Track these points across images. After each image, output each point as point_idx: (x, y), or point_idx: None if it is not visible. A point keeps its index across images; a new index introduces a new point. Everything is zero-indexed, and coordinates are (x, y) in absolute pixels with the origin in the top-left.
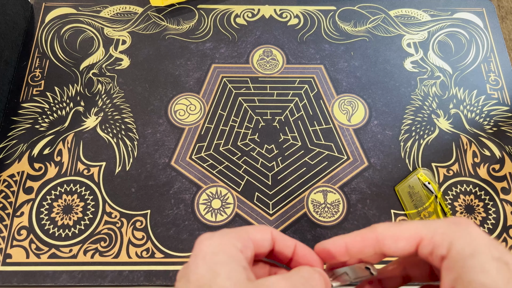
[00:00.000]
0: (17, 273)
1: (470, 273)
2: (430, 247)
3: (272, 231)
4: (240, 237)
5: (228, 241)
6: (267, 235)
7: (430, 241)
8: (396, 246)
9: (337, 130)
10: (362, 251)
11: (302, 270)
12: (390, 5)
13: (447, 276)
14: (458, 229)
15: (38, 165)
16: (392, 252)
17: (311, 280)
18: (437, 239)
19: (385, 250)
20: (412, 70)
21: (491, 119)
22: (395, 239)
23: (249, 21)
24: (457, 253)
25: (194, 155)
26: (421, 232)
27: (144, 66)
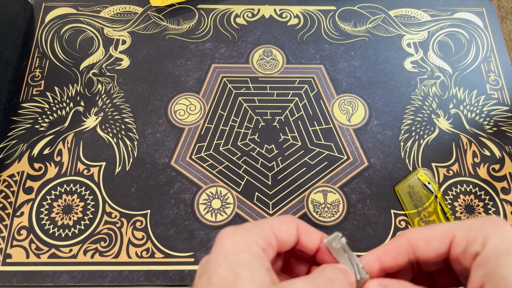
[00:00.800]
0: (17, 273)
1: (504, 268)
2: (464, 244)
3: (298, 223)
4: (263, 234)
5: (251, 239)
6: (293, 228)
7: (464, 238)
8: (429, 247)
9: (337, 130)
10: (396, 260)
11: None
12: (390, 5)
13: (477, 272)
14: (492, 226)
15: (38, 165)
16: (425, 254)
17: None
18: (472, 236)
19: (418, 253)
20: (412, 70)
21: (491, 119)
22: (428, 240)
23: (249, 21)
24: (491, 249)
25: (194, 155)
26: (454, 230)
27: (144, 66)
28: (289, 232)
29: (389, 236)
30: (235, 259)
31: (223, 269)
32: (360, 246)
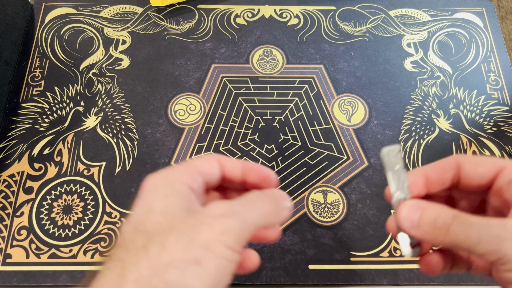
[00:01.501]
0: (17, 273)
1: None
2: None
3: (219, 158)
4: (186, 171)
5: (172, 176)
6: (214, 162)
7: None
8: (476, 171)
9: (337, 130)
10: (442, 176)
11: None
12: (390, 5)
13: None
14: None
15: (38, 165)
16: (470, 176)
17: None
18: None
19: (463, 174)
20: (412, 70)
21: (491, 119)
22: (476, 164)
23: (249, 21)
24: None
25: (194, 155)
26: (505, 162)
27: (144, 66)
28: (211, 165)
29: (389, 236)
30: (151, 196)
31: (138, 207)
32: (360, 246)
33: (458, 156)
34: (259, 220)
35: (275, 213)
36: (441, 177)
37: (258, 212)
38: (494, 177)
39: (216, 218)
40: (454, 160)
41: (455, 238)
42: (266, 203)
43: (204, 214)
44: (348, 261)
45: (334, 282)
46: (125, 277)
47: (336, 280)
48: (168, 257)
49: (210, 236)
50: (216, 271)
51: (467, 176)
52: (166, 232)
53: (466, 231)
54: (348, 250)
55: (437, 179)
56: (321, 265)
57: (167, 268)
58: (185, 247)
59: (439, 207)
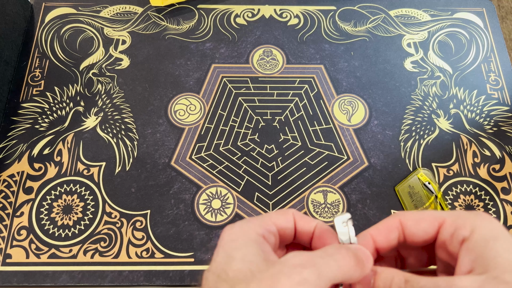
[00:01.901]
0: (17, 273)
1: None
2: (452, 229)
3: (294, 212)
4: (262, 223)
5: (248, 228)
6: (289, 216)
7: (453, 223)
8: (418, 228)
9: (337, 130)
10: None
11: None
12: (390, 5)
13: (467, 257)
14: (480, 217)
15: (38, 165)
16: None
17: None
18: (460, 222)
19: (407, 233)
20: (412, 70)
21: (491, 119)
22: (418, 221)
23: (249, 21)
24: (480, 236)
25: (194, 155)
26: (444, 215)
27: (144, 66)
28: (287, 219)
29: None
30: (230, 245)
31: (219, 256)
32: None
33: (399, 213)
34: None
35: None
36: (387, 238)
37: (337, 266)
38: (436, 232)
39: (294, 268)
40: (396, 219)
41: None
42: (346, 258)
43: (283, 264)
44: None
45: None
46: None
47: None
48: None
49: (288, 285)
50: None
51: (411, 234)
52: (248, 280)
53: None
54: None
55: (383, 240)
56: None
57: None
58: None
59: (392, 271)
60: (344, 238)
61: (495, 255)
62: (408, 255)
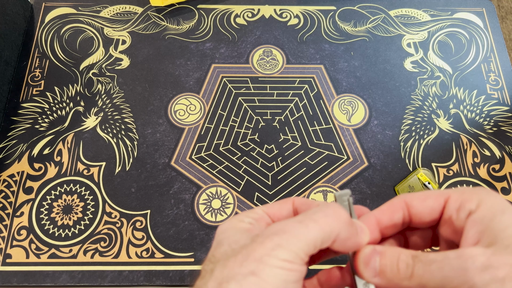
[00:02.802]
0: (17, 273)
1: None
2: (458, 203)
3: (294, 199)
4: (251, 213)
5: (236, 219)
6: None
7: (459, 198)
8: (424, 205)
9: (337, 130)
10: (392, 218)
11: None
12: (390, 5)
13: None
14: (486, 192)
15: (38, 165)
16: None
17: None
18: (466, 197)
19: (413, 211)
20: (412, 70)
21: (491, 119)
22: (423, 199)
23: (249, 21)
24: (486, 209)
25: (194, 155)
26: (449, 192)
27: (144, 66)
28: (281, 206)
29: None
30: (220, 236)
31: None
32: None
33: (404, 195)
34: (318, 234)
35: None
36: (392, 218)
37: (317, 226)
38: (442, 208)
39: (267, 237)
40: (401, 200)
41: (420, 279)
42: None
43: (259, 236)
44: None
45: None
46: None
47: None
48: (228, 272)
49: (263, 252)
50: (274, 279)
51: (417, 213)
52: (228, 256)
53: (429, 270)
54: None
55: (388, 221)
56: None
57: (228, 281)
58: (241, 263)
59: (397, 250)
60: None
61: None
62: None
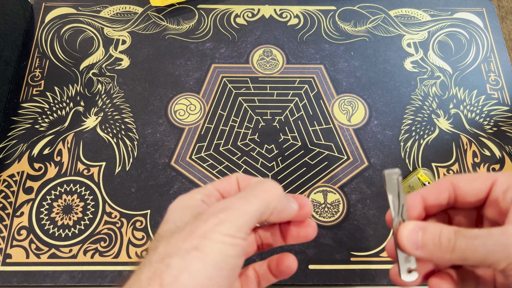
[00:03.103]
0: (17, 273)
1: None
2: (506, 185)
3: (238, 175)
4: (201, 190)
5: (187, 196)
6: (231, 180)
7: (506, 181)
8: (471, 186)
9: (337, 130)
10: (438, 197)
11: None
12: (390, 5)
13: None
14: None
15: (38, 165)
16: (466, 192)
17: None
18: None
19: (459, 192)
20: (412, 70)
21: (491, 119)
22: (470, 180)
23: (249, 21)
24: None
25: (194, 155)
26: (496, 175)
27: (144, 66)
28: (229, 182)
29: (389, 236)
30: (169, 213)
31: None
32: (360, 246)
33: (450, 176)
34: (259, 207)
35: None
36: (438, 198)
37: (257, 200)
38: (489, 190)
39: (212, 215)
40: (448, 180)
41: (462, 253)
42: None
43: (203, 213)
44: (348, 261)
45: (334, 282)
46: (141, 270)
47: (336, 280)
48: (171, 249)
49: (207, 228)
50: (216, 253)
51: (464, 193)
52: (172, 233)
53: (472, 245)
54: (348, 250)
55: (434, 200)
56: (321, 265)
57: (170, 256)
58: (185, 239)
59: (440, 225)
60: (393, 192)
61: None
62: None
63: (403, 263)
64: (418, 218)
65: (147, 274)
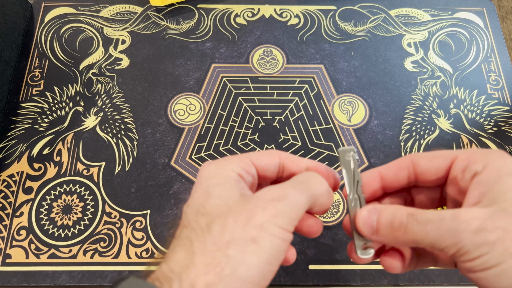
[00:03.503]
0: (17, 273)
1: (504, 186)
2: (465, 163)
3: (280, 154)
4: (239, 162)
5: (226, 166)
6: (274, 159)
7: (466, 159)
8: (431, 164)
9: (337, 130)
10: (397, 175)
11: (300, 175)
12: (390, 4)
13: (476, 190)
14: (495, 154)
15: (37, 165)
16: (426, 170)
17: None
18: (474, 157)
19: (419, 170)
20: (412, 70)
21: (491, 119)
22: (431, 158)
23: (249, 20)
24: (492, 170)
25: (194, 155)
26: (456, 152)
27: (144, 66)
28: (269, 161)
29: None
30: (208, 182)
31: (197, 192)
32: None
33: (412, 154)
34: (309, 200)
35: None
36: (396, 176)
37: (308, 193)
38: (448, 168)
39: (269, 202)
40: (409, 158)
41: (414, 236)
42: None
43: (259, 198)
44: (348, 261)
45: (334, 282)
46: (195, 253)
47: (336, 280)
48: (229, 236)
49: (265, 218)
50: (270, 248)
51: (424, 172)
52: (225, 214)
53: (423, 229)
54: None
55: (392, 178)
56: (321, 265)
57: (228, 244)
58: (243, 227)
59: (394, 207)
60: (347, 169)
61: (506, 189)
62: (418, 196)
63: (359, 240)
64: (374, 195)
65: (204, 260)
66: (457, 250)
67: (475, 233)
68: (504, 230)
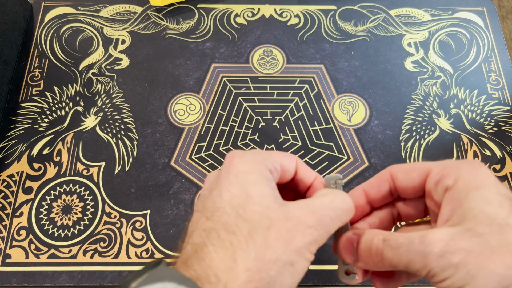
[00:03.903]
0: (17, 274)
1: (472, 202)
2: (437, 178)
3: (297, 159)
4: (270, 158)
5: (260, 161)
6: (293, 162)
7: (439, 173)
8: (407, 177)
9: (338, 130)
10: (379, 190)
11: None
12: (391, 4)
13: (447, 206)
14: (468, 166)
15: (37, 165)
16: (403, 185)
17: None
18: (446, 171)
19: (397, 184)
20: (412, 69)
21: (492, 119)
22: (407, 171)
23: (249, 20)
24: (463, 185)
25: (194, 155)
26: (432, 165)
27: (144, 65)
28: (290, 163)
29: None
30: (245, 178)
31: (234, 187)
32: None
33: (391, 166)
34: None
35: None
36: (379, 190)
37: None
38: (424, 182)
39: (308, 229)
40: (387, 172)
41: (390, 262)
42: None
43: (299, 221)
44: None
45: (334, 282)
46: (237, 262)
47: (336, 280)
48: (271, 254)
49: (302, 244)
50: (303, 271)
51: (402, 185)
52: (267, 226)
53: (396, 254)
54: None
55: (375, 193)
56: (321, 265)
57: (271, 264)
58: (284, 249)
59: (372, 233)
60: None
61: (473, 206)
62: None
63: (341, 265)
64: (361, 213)
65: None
66: (427, 272)
67: (440, 256)
68: (466, 252)
